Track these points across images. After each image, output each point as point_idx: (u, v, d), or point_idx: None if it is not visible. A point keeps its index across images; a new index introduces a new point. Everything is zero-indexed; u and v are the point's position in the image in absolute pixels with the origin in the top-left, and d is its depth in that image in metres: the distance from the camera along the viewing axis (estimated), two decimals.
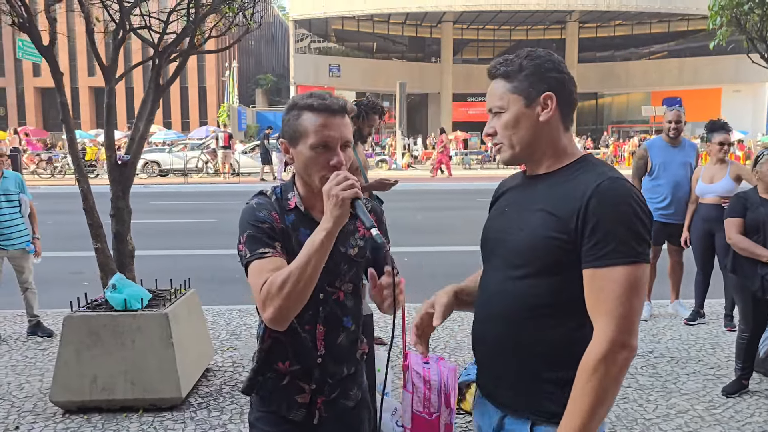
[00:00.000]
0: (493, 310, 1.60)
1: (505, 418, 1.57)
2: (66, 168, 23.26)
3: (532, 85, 1.54)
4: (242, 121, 41.00)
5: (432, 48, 44.83)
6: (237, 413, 3.83)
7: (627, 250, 1.40)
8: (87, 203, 4.57)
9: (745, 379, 4.13)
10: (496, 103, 1.58)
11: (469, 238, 10.37)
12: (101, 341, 3.80)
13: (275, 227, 1.67)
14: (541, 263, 1.49)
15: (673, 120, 5.41)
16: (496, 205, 1.75)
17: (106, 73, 4.55)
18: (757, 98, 39.11)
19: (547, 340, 1.50)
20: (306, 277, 1.53)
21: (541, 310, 1.50)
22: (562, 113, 1.57)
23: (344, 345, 1.79)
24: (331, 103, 1.66)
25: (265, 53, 72.34)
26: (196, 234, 11.08)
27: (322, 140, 1.64)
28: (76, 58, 49.48)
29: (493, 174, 26.36)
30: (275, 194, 1.76)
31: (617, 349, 1.39)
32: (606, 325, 1.40)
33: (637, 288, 1.41)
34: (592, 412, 1.39)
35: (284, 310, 1.55)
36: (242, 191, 18.29)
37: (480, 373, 1.69)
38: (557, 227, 1.47)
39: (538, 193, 1.56)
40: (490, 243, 1.67)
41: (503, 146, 1.60)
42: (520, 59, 1.57)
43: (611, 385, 1.40)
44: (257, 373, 1.78)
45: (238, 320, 5.75)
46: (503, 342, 1.56)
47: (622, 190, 1.44)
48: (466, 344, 5.08)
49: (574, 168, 1.55)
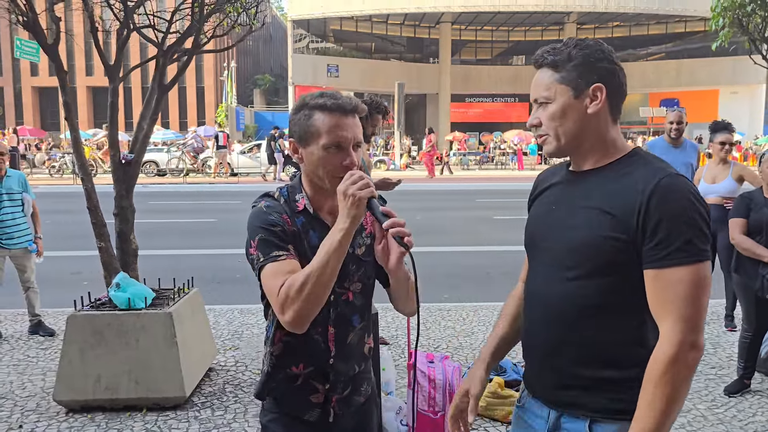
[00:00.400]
0: (545, 313, 1.56)
1: (561, 417, 1.54)
2: (64, 168, 23.20)
3: (581, 76, 1.48)
4: (240, 121, 40.93)
5: (430, 48, 44.83)
6: (241, 412, 3.83)
7: (691, 249, 1.37)
8: (91, 202, 4.57)
9: (747, 378, 4.14)
10: (542, 94, 1.53)
11: (469, 238, 10.43)
12: (105, 340, 3.80)
13: (287, 230, 1.64)
14: (595, 264, 1.45)
15: (674, 121, 5.43)
16: (538, 201, 1.70)
17: (110, 72, 4.55)
18: (754, 100, 39.20)
19: (604, 341, 1.47)
20: (326, 277, 1.53)
21: (597, 311, 1.47)
22: (611, 105, 1.51)
23: (353, 343, 1.78)
24: (344, 102, 1.63)
25: (264, 53, 72.30)
26: (195, 234, 11.07)
27: (336, 141, 1.61)
28: (74, 57, 49.38)
29: (491, 175, 26.36)
30: (282, 196, 1.73)
31: (687, 350, 1.36)
32: (673, 327, 1.37)
33: (703, 287, 1.38)
34: (664, 416, 1.36)
35: (304, 312, 1.54)
36: (241, 191, 18.28)
37: (531, 375, 1.65)
38: (615, 227, 1.42)
39: (589, 190, 1.51)
40: (538, 242, 1.62)
41: (548, 138, 1.54)
42: (569, 48, 1.51)
43: (682, 386, 1.37)
44: (270, 378, 1.76)
45: (240, 320, 5.75)
46: (558, 344, 1.53)
47: (683, 187, 1.40)
48: (468, 344, 5.09)
49: (626, 163, 1.50)
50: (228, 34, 5.39)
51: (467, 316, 5.86)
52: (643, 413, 1.38)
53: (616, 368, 1.47)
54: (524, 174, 26.62)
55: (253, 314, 5.87)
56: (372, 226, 1.77)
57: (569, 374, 1.52)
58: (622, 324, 1.47)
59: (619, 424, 1.45)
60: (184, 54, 4.93)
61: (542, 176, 1.75)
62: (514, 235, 11.58)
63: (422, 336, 5.28)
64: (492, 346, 1.79)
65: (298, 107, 1.68)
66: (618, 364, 1.47)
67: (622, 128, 1.71)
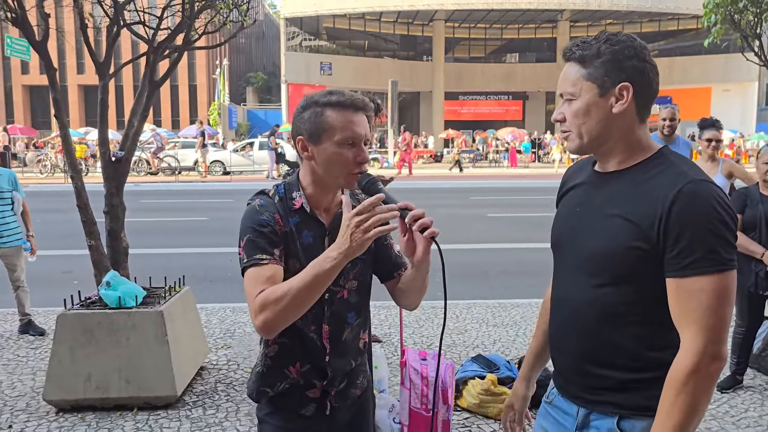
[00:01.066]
0: (572, 317, 1.55)
1: (590, 415, 1.54)
2: (55, 167, 23.07)
3: (608, 73, 1.44)
4: (233, 119, 40.84)
5: (423, 46, 44.83)
6: (233, 411, 3.81)
7: (714, 258, 1.34)
8: (81, 200, 4.53)
9: (739, 374, 4.15)
10: (568, 89, 1.49)
11: (462, 236, 10.41)
12: (95, 339, 3.76)
13: (277, 231, 1.63)
14: (619, 272, 1.44)
15: (667, 117, 5.43)
16: (565, 200, 1.67)
17: (100, 69, 4.51)
18: (746, 97, 39.42)
19: (630, 348, 1.47)
20: (305, 299, 1.53)
21: (621, 318, 1.46)
22: (639, 105, 1.47)
23: (348, 340, 1.78)
24: (356, 99, 1.65)
25: (256, 51, 72.10)
26: (187, 232, 11.03)
27: (350, 136, 1.61)
28: (65, 55, 49.08)
29: (485, 173, 26.39)
30: (278, 194, 1.70)
31: (708, 361, 1.34)
32: (695, 336, 1.35)
33: (726, 297, 1.34)
34: (685, 425, 1.34)
35: (276, 323, 1.54)
36: (233, 190, 18.23)
37: (559, 374, 1.65)
38: (637, 236, 1.40)
39: (613, 194, 1.48)
40: (563, 244, 1.61)
41: (571, 135, 1.51)
42: (598, 43, 1.46)
43: (703, 396, 1.35)
44: (263, 379, 1.76)
45: (232, 318, 5.72)
46: (585, 348, 1.53)
47: (706, 194, 1.36)
48: (461, 342, 5.08)
49: (651, 166, 1.46)
50: (219, 30, 5.36)
51: (461, 313, 5.85)
52: (661, 422, 1.37)
53: (644, 371, 1.46)
54: (517, 172, 26.67)
55: (245, 313, 5.84)
56: None
57: (598, 376, 1.52)
58: (647, 330, 1.46)
59: (649, 420, 1.44)
60: (175, 51, 4.89)
61: (570, 172, 1.73)
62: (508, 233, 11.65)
63: (415, 333, 5.28)
64: (530, 362, 1.84)
65: (307, 105, 1.66)
66: (646, 367, 1.46)
67: None
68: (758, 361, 4.39)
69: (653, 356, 1.45)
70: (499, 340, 5.13)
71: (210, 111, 42.52)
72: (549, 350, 1.70)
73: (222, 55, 43.62)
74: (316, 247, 1.66)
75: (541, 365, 1.84)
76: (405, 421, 3.31)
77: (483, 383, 3.72)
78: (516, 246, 9.54)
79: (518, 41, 45.06)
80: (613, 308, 1.47)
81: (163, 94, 52.26)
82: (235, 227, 1.69)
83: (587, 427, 1.55)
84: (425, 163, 32.63)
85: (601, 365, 1.51)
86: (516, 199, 16.21)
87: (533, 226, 11.10)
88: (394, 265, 1.80)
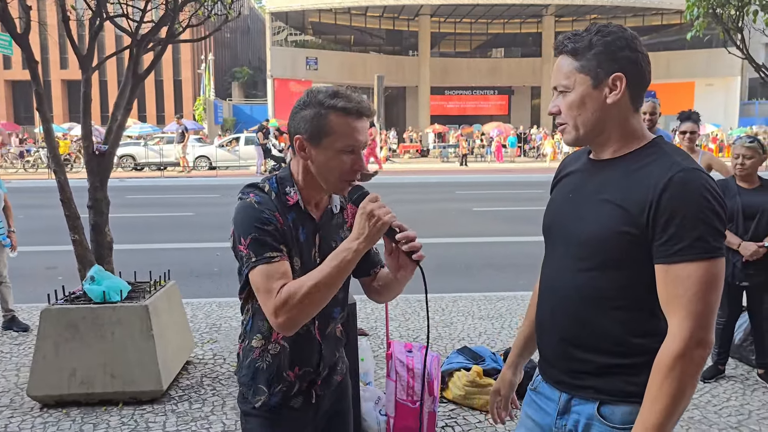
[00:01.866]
0: (557, 301, 1.58)
1: (572, 400, 1.56)
2: (39, 162, 22.83)
3: (600, 65, 1.46)
4: (219, 114, 40.57)
5: (409, 41, 44.76)
6: (219, 405, 3.80)
7: (702, 246, 1.35)
8: (64, 194, 4.49)
9: (721, 364, 4.21)
10: (562, 82, 1.51)
11: (448, 230, 10.44)
12: (80, 334, 3.74)
13: (279, 229, 1.60)
14: (608, 257, 1.46)
15: (648, 111, 5.47)
16: (559, 187, 1.69)
17: (83, 63, 4.46)
18: (729, 92, 39.79)
19: (615, 333, 1.48)
20: (330, 291, 1.54)
21: (608, 303, 1.48)
22: (632, 95, 1.49)
23: (332, 333, 1.82)
24: (362, 107, 1.61)
25: (242, 46, 71.62)
26: (173, 228, 10.96)
27: (351, 144, 1.60)
28: (48, 50, 48.44)
29: (471, 167, 26.46)
30: (273, 190, 1.66)
31: (694, 347, 1.36)
32: (682, 322, 1.36)
33: (713, 283, 1.36)
34: (670, 411, 1.36)
35: (299, 319, 1.55)
36: (219, 185, 18.14)
37: (543, 359, 1.67)
38: (627, 221, 1.42)
39: (605, 181, 1.50)
40: (554, 230, 1.63)
41: (567, 127, 1.53)
42: (590, 35, 1.47)
43: (689, 382, 1.37)
44: (263, 377, 1.72)
45: (218, 313, 5.71)
46: (569, 332, 1.55)
47: (697, 183, 1.38)
48: (446, 334, 5.10)
49: (644, 154, 1.48)
50: (203, 24, 5.32)
51: (446, 306, 5.88)
52: (647, 407, 1.38)
53: (627, 356, 1.48)
54: (504, 166, 26.77)
55: (231, 307, 5.83)
56: (352, 220, 1.78)
57: (580, 360, 1.54)
58: (633, 316, 1.47)
59: (631, 406, 1.46)
60: (159, 44, 4.86)
61: (566, 161, 1.74)
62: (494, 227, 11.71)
63: (401, 326, 5.29)
64: (519, 348, 1.87)
65: (309, 103, 1.61)
66: (629, 353, 1.48)
67: None
68: (740, 351, 4.46)
69: (637, 342, 1.47)
70: (485, 333, 5.16)
71: (195, 106, 42.17)
72: (536, 336, 1.72)
73: (207, 49, 43.28)
74: (309, 244, 1.67)
75: (529, 353, 1.86)
76: (391, 413, 3.33)
77: (469, 375, 3.74)
78: (501, 240, 9.59)
79: (503, 36, 45.13)
80: (600, 293, 1.49)
81: (148, 89, 51.79)
82: (221, 222, 1.69)
83: (569, 413, 1.57)
84: (411, 158, 32.66)
85: (585, 349, 1.53)
86: (502, 193, 16.27)
87: (519, 220, 11.17)
88: (371, 263, 1.81)
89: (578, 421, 1.54)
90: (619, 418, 1.48)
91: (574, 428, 1.55)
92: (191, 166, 23.45)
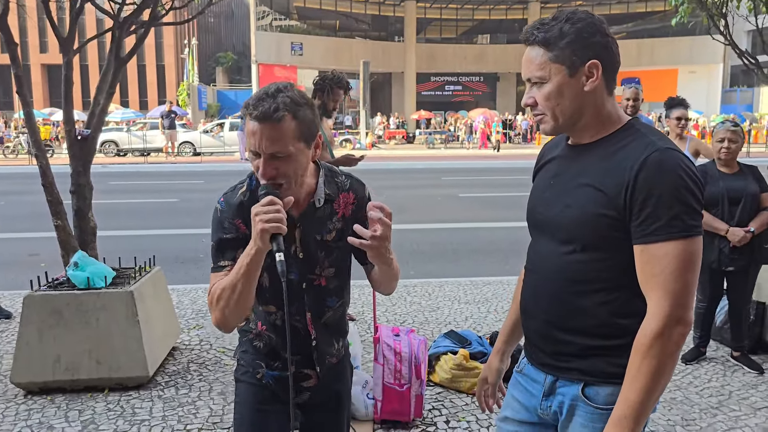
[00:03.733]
0: (542, 284, 1.59)
1: (557, 382, 1.58)
2: (19, 148, 22.49)
3: (575, 53, 1.45)
4: (202, 100, 40.17)
5: (395, 27, 44.51)
6: (206, 390, 3.80)
7: (679, 224, 1.37)
8: (46, 179, 4.43)
9: (702, 347, 4.28)
10: (536, 74, 1.49)
11: (435, 216, 10.46)
12: (64, 320, 3.70)
13: (239, 236, 1.64)
14: (589, 240, 1.47)
15: (630, 98, 5.49)
16: (540, 174, 1.70)
17: (63, 45, 4.38)
18: (712, 79, 40.09)
19: (597, 314, 1.50)
20: (236, 297, 1.58)
21: (590, 285, 1.49)
22: (607, 79, 1.49)
23: (333, 321, 1.80)
24: (261, 112, 1.51)
25: (226, 31, 70.85)
26: (157, 214, 10.87)
27: (252, 147, 1.56)
28: (27, 33, 47.58)
29: (456, 153, 26.49)
30: (249, 188, 1.67)
31: (673, 325, 1.37)
32: (660, 301, 1.38)
33: (691, 262, 1.38)
34: (650, 389, 1.38)
35: (224, 320, 1.62)
36: (203, 171, 18.01)
37: (528, 342, 1.68)
38: (606, 204, 1.43)
39: (584, 165, 1.52)
40: (537, 216, 1.64)
41: (545, 117, 1.52)
42: (559, 23, 1.46)
43: (669, 360, 1.38)
44: (259, 354, 1.79)
45: (204, 299, 5.68)
46: (553, 315, 1.56)
47: (671, 162, 1.39)
48: (433, 318, 5.13)
49: (621, 137, 1.49)
50: (187, 6, 5.25)
51: (433, 291, 5.90)
52: (627, 386, 1.40)
53: (611, 338, 1.49)
54: (489, 153, 26.81)
55: None
56: (345, 210, 1.74)
57: (564, 342, 1.55)
58: (615, 297, 1.49)
59: (614, 387, 1.47)
60: (141, 26, 4.78)
61: (546, 147, 1.75)
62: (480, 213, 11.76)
63: (388, 311, 5.31)
64: (505, 334, 1.87)
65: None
66: (613, 334, 1.49)
67: None
68: (720, 333, 4.52)
69: (620, 323, 1.48)
70: (471, 317, 5.19)
71: (179, 91, 41.71)
72: (522, 319, 1.73)
73: (190, 34, 42.78)
74: (288, 239, 1.64)
75: (516, 339, 1.87)
76: (379, 397, 3.35)
77: (455, 358, 3.76)
78: (487, 225, 9.63)
79: (489, 22, 45.02)
80: (582, 275, 1.50)
81: (131, 75, 51.14)
82: (205, 208, 1.72)
83: (554, 394, 1.59)
84: (397, 144, 32.62)
85: (568, 331, 1.54)
86: (487, 179, 16.32)
87: (504, 206, 11.21)
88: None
89: (563, 403, 1.56)
90: (602, 398, 1.50)
91: (559, 409, 1.57)
92: (176, 152, 23.24)
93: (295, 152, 1.55)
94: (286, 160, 1.54)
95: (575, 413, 1.54)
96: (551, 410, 1.60)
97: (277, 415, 1.75)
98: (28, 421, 3.42)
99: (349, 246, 1.72)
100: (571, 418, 1.55)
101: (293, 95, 1.55)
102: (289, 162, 1.55)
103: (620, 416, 1.39)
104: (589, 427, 1.50)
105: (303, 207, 1.70)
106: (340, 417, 1.90)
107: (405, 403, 3.32)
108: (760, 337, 4.39)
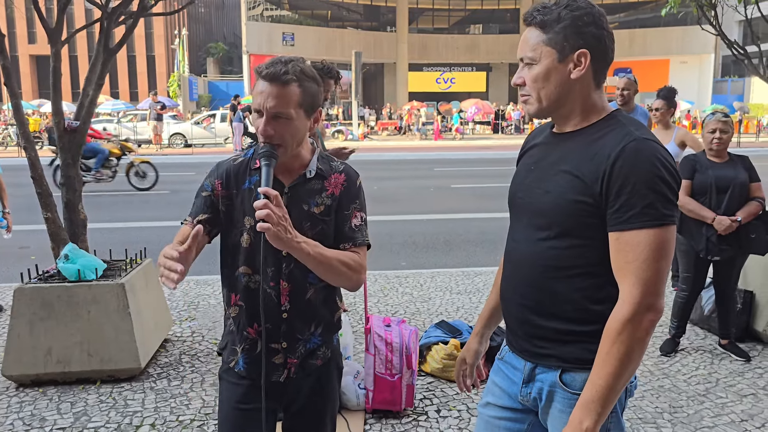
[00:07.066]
0: (520, 270, 1.62)
1: (536, 369, 1.61)
2: (8, 140, 22.31)
3: (566, 39, 1.48)
4: (193, 91, 39.95)
5: (387, 17, 44.33)
6: (198, 382, 3.81)
7: (653, 213, 1.39)
8: (35, 171, 4.40)
9: (678, 337, 4.28)
10: (528, 54, 1.53)
11: (427, 207, 10.46)
12: (55, 313, 3.70)
13: (214, 195, 1.76)
14: (566, 226, 1.50)
15: (622, 87, 5.52)
16: (523, 160, 1.72)
17: (52, 36, 4.35)
18: (703, 70, 40.22)
19: (572, 299, 1.52)
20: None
21: (565, 271, 1.52)
22: (595, 70, 1.52)
23: (314, 301, 1.78)
24: (271, 71, 1.63)
25: (216, 21, 70.34)
26: (148, 206, 10.83)
27: (256, 106, 1.66)
28: (14, 24, 47.10)
29: (448, 144, 26.49)
30: (245, 156, 1.79)
31: (643, 311, 1.40)
32: (632, 288, 1.41)
33: (663, 250, 1.40)
34: (617, 374, 1.40)
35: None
36: (195, 163, 17.93)
37: (509, 329, 1.71)
38: (582, 190, 1.46)
39: (565, 153, 1.54)
40: (517, 201, 1.66)
41: (530, 99, 1.56)
42: (559, 8, 1.49)
43: (637, 346, 1.41)
44: (232, 337, 1.83)
45: (196, 291, 5.68)
46: (530, 301, 1.59)
47: (647, 152, 1.41)
48: (425, 309, 5.15)
49: (602, 126, 1.52)
50: None
51: (425, 282, 5.92)
52: (596, 370, 1.43)
53: (586, 323, 1.52)
54: (481, 143, 26.83)
55: (210, 285, 5.81)
56: (335, 189, 1.76)
57: (541, 327, 1.58)
58: (591, 283, 1.51)
59: (589, 373, 1.49)
60: (131, 17, 4.75)
61: (531, 135, 1.77)
62: (472, 204, 11.75)
63: (380, 302, 5.33)
64: (484, 317, 1.90)
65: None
66: (588, 320, 1.52)
67: None
68: (708, 322, 4.57)
69: (595, 309, 1.51)
70: (462, 307, 5.22)
71: (169, 82, 41.46)
72: (501, 306, 1.76)
73: (180, 24, 42.46)
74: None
75: (495, 322, 1.90)
76: (370, 387, 3.37)
77: (446, 348, 3.79)
78: (479, 216, 9.65)
79: (481, 12, 44.92)
80: (557, 261, 1.53)
81: (120, 66, 50.75)
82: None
83: (533, 381, 1.62)
84: (390, 135, 32.57)
85: (544, 316, 1.57)
86: (480, 170, 16.34)
87: (496, 197, 11.23)
88: (339, 237, 1.77)
89: (542, 389, 1.60)
90: (579, 384, 1.53)
91: (539, 396, 1.61)
92: (166, 144, 23.11)
93: (295, 117, 1.65)
94: (286, 123, 1.64)
95: (554, 399, 1.58)
96: (531, 396, 1.63)
97: (256, 413, 1.75)
98: (20, 414, 3.42)
99: (333, 225, 1.77)
100: (550, 403, 1.59)
101: (304, 67, 1.68)
102: (288, 125, 1.65)
103: (588, 400, 1.43)
104: (567, 413, 1.53)
105: (294, 178, 1.75)
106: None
107: (396, 393, 3.34)
108: (747, 325, 4.44)
